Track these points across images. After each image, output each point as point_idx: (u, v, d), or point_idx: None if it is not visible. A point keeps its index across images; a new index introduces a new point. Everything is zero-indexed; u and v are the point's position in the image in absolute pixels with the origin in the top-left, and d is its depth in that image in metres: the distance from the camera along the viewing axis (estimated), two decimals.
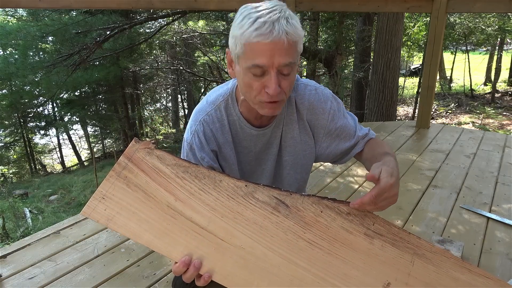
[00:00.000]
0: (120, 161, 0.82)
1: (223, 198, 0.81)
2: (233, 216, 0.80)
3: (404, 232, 0.82)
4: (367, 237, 0.80)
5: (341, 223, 0.81)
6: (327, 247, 0.79)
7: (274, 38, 0.79)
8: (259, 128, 1.04)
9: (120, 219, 0.78)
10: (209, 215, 0.79)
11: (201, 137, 1.02)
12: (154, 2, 3.08)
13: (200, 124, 1.02)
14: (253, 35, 0.80)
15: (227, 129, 1.04)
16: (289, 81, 0.88)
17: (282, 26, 0.80)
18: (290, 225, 0.80)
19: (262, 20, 0.80)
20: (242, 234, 0.78)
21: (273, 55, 0.81)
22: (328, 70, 6.87)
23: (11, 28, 8.05)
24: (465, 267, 0.80)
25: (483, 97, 11.47)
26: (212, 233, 0.78)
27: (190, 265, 0.74)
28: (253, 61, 0.83)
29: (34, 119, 12.13)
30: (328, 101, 1.07)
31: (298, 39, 0.84)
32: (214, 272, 0.76)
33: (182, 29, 9.92)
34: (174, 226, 0.78)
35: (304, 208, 0.81)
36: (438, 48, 3.47)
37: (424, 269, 0.79)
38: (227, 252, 0.77)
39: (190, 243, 0.77)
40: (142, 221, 0.78)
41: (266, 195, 0.82)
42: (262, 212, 0.80)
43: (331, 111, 1.07)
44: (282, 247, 0.78)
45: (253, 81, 0.86)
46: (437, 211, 2.09)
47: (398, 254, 0.79)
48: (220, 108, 1.03)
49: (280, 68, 0.84)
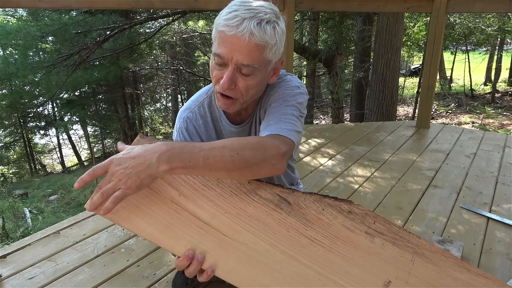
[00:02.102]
0: None
1: (226, 194, 0.81)
2: (236, 212, 0.80)
3: (404, 231, 0.82)
4: (368, 235, 0.81)
5: (342, 221, 0.81)
6: (329, 244, 0.80)
7: (237, 33, 0.80)
8: (238, 126, 1.04)
9: (124, 212, 0.78)
10: (212, 210, 0.80)
11: (185, 134, 1.02)
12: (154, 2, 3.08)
13: (184, 121, 1.03)
14: (222, 23, 0.82)
15: (210, 126, 1.04)
16: (247, 83, 0.86)
17: (249, 25, 0.79)
18: (292, 222, 0.81)
19: (235, 13, 0.81)
20: (245, 230, 0.79)
21: (234, 50, 0.81)
22: (328, 70, 6.87)
23: (11, 28, 8.04)
24: (464, 267, 0.80)
25: (483, 97, 11.47)
26: (215, 228, 0.78)
27: (194, 259, 0.74)
28: (216, 49, 0.84)
29: (34, 119, 12.13)
30: (282, 86, 0.97)
31: (264, 44, 0.82)
32: (217, 267, 0.76)
33: (182, 29, 9.92)
34: (178, 220, 0.78)
35: (306, 205, 0.82)
36: (438, 48, 3.47)
37: (424, 268, 0.79)
38: (230, 247, 0.77)
39: (193, 238, 0.77)
40: (146, 215, 0.78)
41: (269, 192, 0.82)
42: (264, 209, 0.81)
43: (276, 94, 0.95)
44: (284, 244, 0.79)
45: (213, 69, 0.87)
46: (437, 211, 2.09)
47: (398, 253, 0.80)
48: (203, 105, 1.04)
49: (239, 66, 0.84)
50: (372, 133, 3.63)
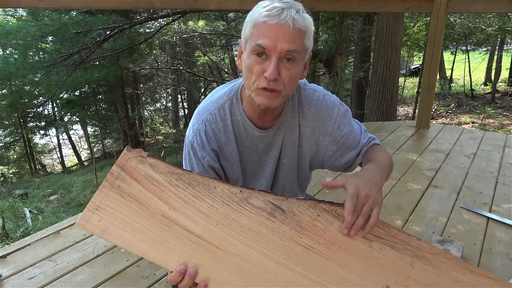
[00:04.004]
0: (113, 170, 0.82)
1: (217, 205, 0.80)
2: (228, 223, 0.79)
3: (403, 234, 0.81)
4: (365, 240, 0.80)
5: (338, 227, 0.80)
6: (324, 251, 0.79)
7: (281, 20, 0.82)
8: (262, 130, 1.04)
9: (114, 229, 0.77)
10: (203, 222, 0.79)
11: (202, 136, 1.01)
12: (154, 2, 3.08)
13: (203, 123, 1.02)
14: (262, 15, 0.84)
15: (230, 129, 1.03)
16: (290, 73, 0.87)
17: (290, 13, 0.83)
18: (286, 231, 0.80)
19: (273, 5, 0.85)
20: (237, 241, 0.78)
21: (277, 39, 0.83)
22: (328, 70, 6.87)
23: (11, 28, 8.03)
24: (466, 268, 0.79)
25: (483, 97, 11.47)
26: (207, 241, 0.78)
27: (186, 274, 0.74)
28: (257, 41, 0.84)
29: (34, 119, 12.13)
30: (335, 108, 1.06)
31: (305, 29, 0.86)
32: (210, 280, 0.75)
33: (182, 29, 9.91)
34: (169, 235, 0.77)
35: (301, 212, 0.81)
36: (438, 48, 3.47)
37: (424, 271, 0.79)
38: (223, 260, 0.77)
39: (185, 252, 0.76)
40: (136, 231, 0.77)
41: (262, 201, 0.81)
42: (257, 218, 0.80)
43: (338, 118, 1.07)
44: (278, 253, 0.78)
45: (254, 64, 0.87)
46: (437, 211, 2.09)
47: (397, 257, 0.79)
48: (224, 107, 1.03)
49: (282, 55, 0.84)
50: (372, 133, 3.62)
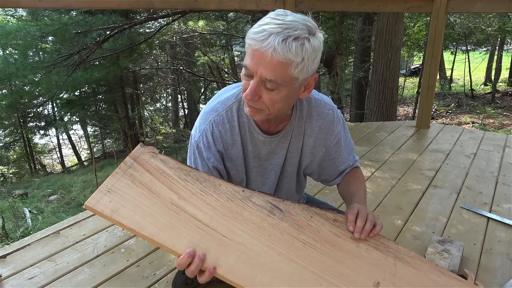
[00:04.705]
0: (126, 160, 0.86)
1: (222, 199, 0.86)
2: (232, 216, 0.84)
3: (384, 238, 0.91)
4: (353, 240, 0.88)
5: (329, 228, 0.88)
6: (320, 247, 0.85)
7: (261, 47, 0.80)
8: (267, 136, 1.04)
9: (124, 211, 0.79)
10: (210, 213, 0.83)
11: (209, 137, 1.02)
12: (154, 2, 3.08)
13: (210, 124, 1.02)
14: (250, 36, 0.83)
15: (236, 131, 1.04)
16: (272, 98, 0.86)
17: (274, 41, 0.78)
18: (285, 227, 0.86)
19: (264, 27, 0.80)
20: (242, 232, 0.82)
21: (258, 63, 0.82)
22: (328, 70, 6.86)
23: (11, 28, 8.03)
24: (439, 271, 0.88)
25: (483, 97, 11.47)
26: (214, 229, 0.81)
27: (195, 257, 0.75)
28: (245, 61, 0.86)
29: (34, 119, 12.13)
30: (339, 125, 1.12)
31: (287, 62, 0.80)
32: (218, 265, 0.77)
33: (182, 29, 9.91)
34: (178, 221, 0.80)
35: (296, 213, 0.89)
36: (438, 48, 3.47)
37: (406, 271, 0.86)
38: (230, 247, 0.80)
39: (193, 237, 0.79)
40: (147, 215, 0.80)
41: (262, 200, 0.88)
42: (259, 214, 0.86)
43: (339, 135, 1.12)
44: (280, 246, 0.82)
45: (243, 78, 0.89)
46: (437, 211, 2.09)
47: (382, 257, 0.87)
48: (231, 109, 1.03)
49: (263, 79, 0.84)
50: (372, 133, 3.63)
